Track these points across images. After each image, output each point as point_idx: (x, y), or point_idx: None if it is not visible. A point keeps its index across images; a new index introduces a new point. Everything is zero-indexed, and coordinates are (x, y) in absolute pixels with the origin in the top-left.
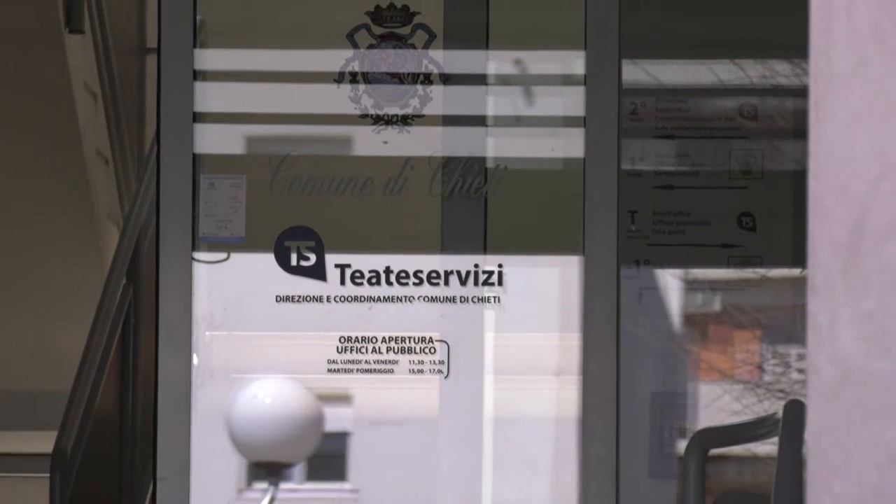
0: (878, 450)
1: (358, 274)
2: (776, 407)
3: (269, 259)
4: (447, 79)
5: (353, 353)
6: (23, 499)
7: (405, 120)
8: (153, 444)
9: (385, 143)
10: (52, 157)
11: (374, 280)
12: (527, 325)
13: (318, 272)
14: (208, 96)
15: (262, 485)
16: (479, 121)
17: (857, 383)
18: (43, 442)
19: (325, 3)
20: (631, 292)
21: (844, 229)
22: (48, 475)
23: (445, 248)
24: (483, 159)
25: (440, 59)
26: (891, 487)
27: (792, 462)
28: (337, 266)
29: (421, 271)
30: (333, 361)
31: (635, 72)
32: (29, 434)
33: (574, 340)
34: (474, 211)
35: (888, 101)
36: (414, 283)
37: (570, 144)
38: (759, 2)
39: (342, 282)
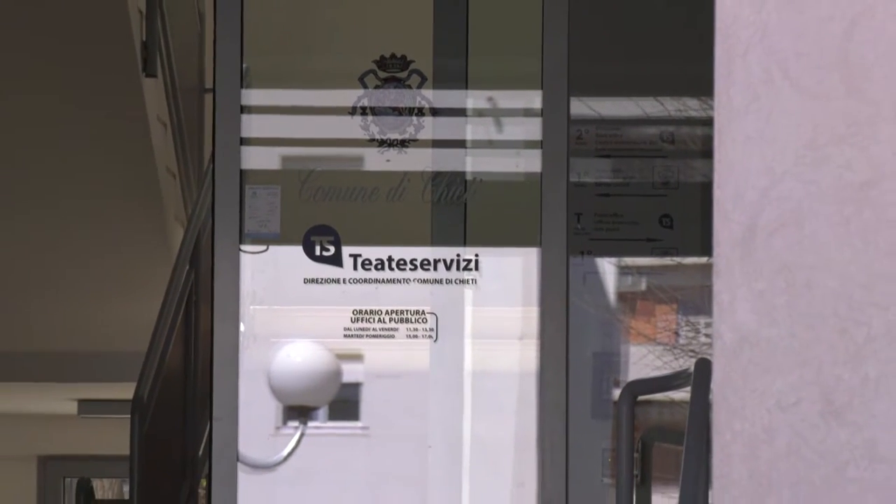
0: (767, 397)
1: (367, 261)
2: (689, 363)
3: (298, 250)
4: (435, 112)
5: (363, 322)
6: (110, 436)
7: (403, 143)
8: (210, 393)
9: (388, 161)
10: (132, 173)
11: (379, 266)
12: (497, 301)
13: (336, 260)
14: (252, 125)
15: (294, 423)
16: (460, 144)
17: (751, 346)
18: (124, 391)
19: (341, 53)
20: (577, 276)
21: (741, 228)
22: (129, 416)
23: (434, 241)
24: (463, 173)
25: (430, 96)
26: (776, 425)
27: (701, 406)
28: (350, 255)
29: (415, 259)
30: (348, 329)
31: (580, 106)
32: (113, 385)
33: (533, 312)
34: (456, 213)
35: (774, 129)
36: (410, 269)
37: (531, 162)
38: (675, 52)
39: (355, 267)
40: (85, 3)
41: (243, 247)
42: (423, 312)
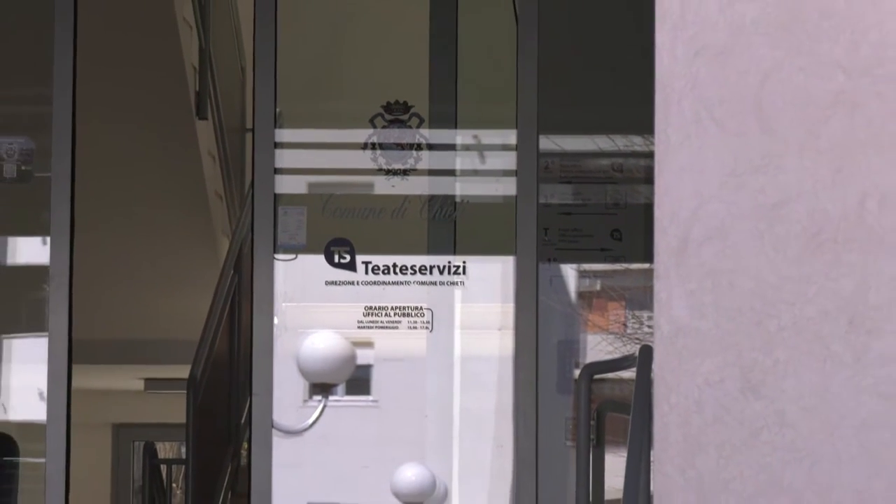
0: (697, 376)
1: (375, 267)
2: (634, 349)
3: (320, 258)
4: (431, 147)
5: (373, 316)
6: (170, 407)
7: (405, 172)
8: (250, 373)
9: (392, 186)
10: (189, 196)
11: (385, 271)
12: (481, 299)
13: (351, 266)
14: (284, 158)
15: (318, 397)
16: (451, 173)
17: (684, 335)
18: (182, 372)
19: (355, 99)
20: (545, 278)
21: (676, 240)
22: (185, 392)
23: (429, 251)
24: (453, 196)
25: (427, 134)
26: (704, 399)
27: (644, 383)
28: (363, 262)
29: (415, 265)
30: (361, 321)
31: (547, 142)
32: (173, 367)
33: (510, 308)
34: (447, 228)
35: (702, 161)
36: (410, 273)
37: (507, 187)
38: (623, 99)
39: (366, 272)
40: (152, 63)
41: (277, 255)
42: (421, 308)
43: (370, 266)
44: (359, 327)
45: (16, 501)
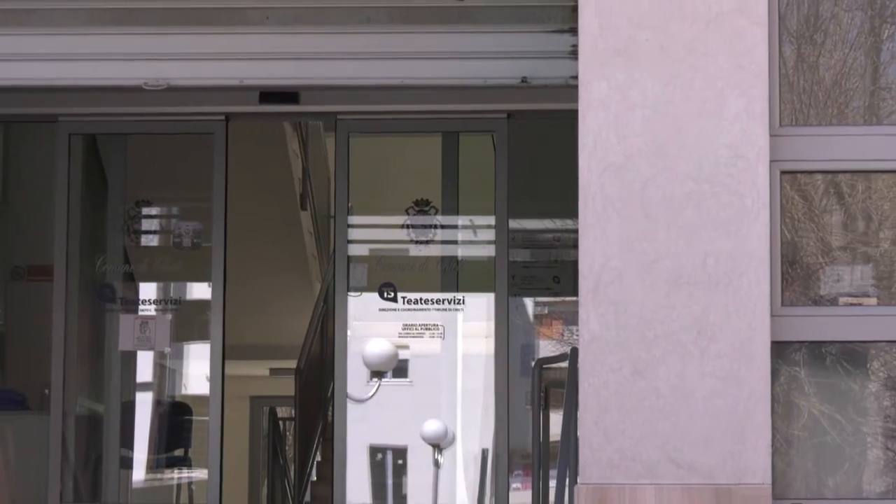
0: (604, 366)
1: (410, 300)
2: (567, 349)
3: (375, 295)
4: (443, 227)
5: (408, 329)
6: (285, 385)
7: (427, 242)
8: (333, 364)
9: (420, 251)
10: (295, 257)
11: (415, 302)
12: (474, 319)
13: (394, 299)
14: (353, 234)
15: (375, 380)
16: (455, 242)
17: (597, 341)
18: (292, 363)
19: (397, 198)
20: (513, 306)
21: (592, 283)
22: (294, 376)
23: (442, 290)
24: (457, 257)
25: (440, 219)
26: (609, 380)
27: (573, 371)
28: (401, 297)
29: (433, 298)
30: (400, 333)
31: (514, 223)
32: (287, 360)
33: (492, 325)
34: (453, 277)
35: (607, 235)
36: (431, 303)
37: (489, 251)
38: (562, 194)
39: (404, 303)
40: (274, 177)
41: (349, 293)
42: (438, 325)
43: (406, 299)
44: (399, 336)
45: (190, 443)
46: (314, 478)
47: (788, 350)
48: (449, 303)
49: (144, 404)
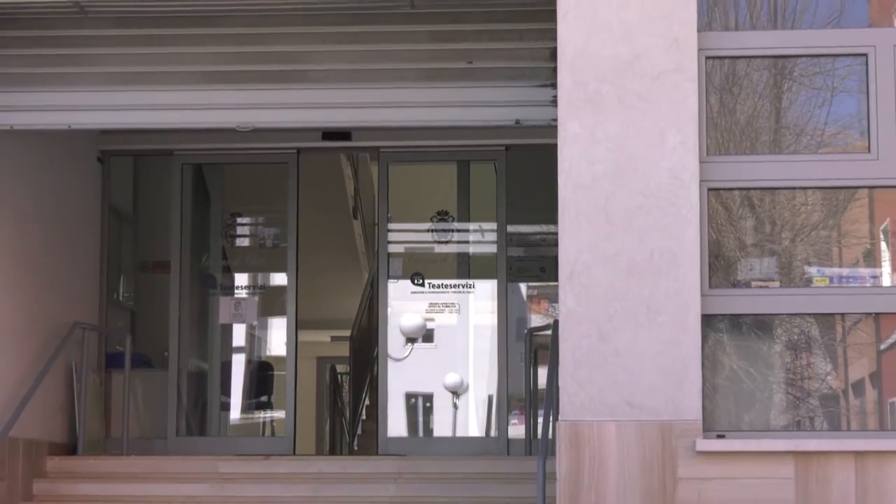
0: (579, 333)
1: (434, 284)
2: (551, 321)
3: (407, 282)
4: (458, 230)
5: (434, 306)
6: (343, 348)
7: (446, 243)
8: (377, 334)
9: (441, 248)
10: (349, 256)
11: (439, 286)
12: (482, 299)
13: (422, 284)
14: (392, 236)
15: (409, 345)
16: (467, 242)
17: (572, 315)
18: (347, 332)
19: (424, 209)
20: (511, 290)
21: (568, 272)
22: (349, 341)
23: (458, 277)
24: (468, 253)
25: (456, 225)
26: (581, 344)
27: (555, 337)
28: (427, 282)
29: (451, 284)
30: (428, 310)
31: (512, 228)
32: (343, 330)
33: (495, 303)
34: (465, 266)
35: (580, 237)
36: (450, 287)
37: (492, 248)
38: (544, 207)
39: (430, 288)
40: (333, 194)
41: (389, 281)
42: (455, 304)
43: (431, 284)
44: (426, 312)
45: (272, 391)
46: (364, 417)
47: (714, 321)
48: (463, 287)
49: (238, 363)
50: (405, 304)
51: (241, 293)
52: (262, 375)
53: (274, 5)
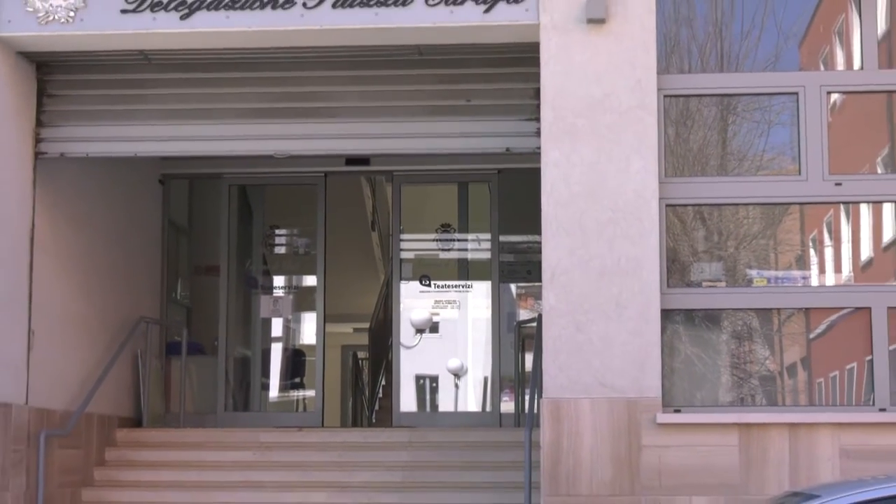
0: (558, 325)
1: (439, 285)
2: (536, 314)
3: (416, 283)
4: (458, 240)
5: (438, 303)
6: (362, 338)
7: (448, 250)
8: (391, 324)
9: (444, 255)
10: (368, 261)
11: (444, 287)
12: (478, 297)
13: (429, 285)
14: (404, 245)
15: (419, 335)
16: (465, 250)
17: (554, 310)
18: (366, 324)
19: (430, 222)
20: (503, 290)
21: (549, 275)
22: (367, 332)
23: (458, 278)
24: (467, 258)
25: (457, 236)
26: (562, 333)
27: (539, 328)
28: (433, 283)
29: (453, 284)
30: (434, 306)
31: (503, 237)
32: (363, 323)
33: (489, 300)
34: (464, 269)
35: (560, 246)
36: (452, 287)
37: (486, 255)
38: (531, 220)
39: (435, 287)
40: (354, 210)
41: (401, 282)
42: (456, 301)
43: (436, 284)
44: (432, 308)
45: (304, 374)
46: (380, 395)
47: (672, 315)
48: (463, 287)
49: (276, 350)
50: (415, 301)
51: (279, 292)
52: (295, 361)
53: (305, 53)
